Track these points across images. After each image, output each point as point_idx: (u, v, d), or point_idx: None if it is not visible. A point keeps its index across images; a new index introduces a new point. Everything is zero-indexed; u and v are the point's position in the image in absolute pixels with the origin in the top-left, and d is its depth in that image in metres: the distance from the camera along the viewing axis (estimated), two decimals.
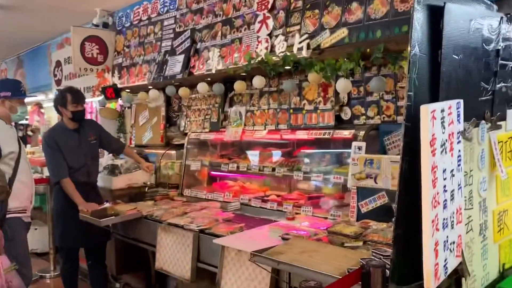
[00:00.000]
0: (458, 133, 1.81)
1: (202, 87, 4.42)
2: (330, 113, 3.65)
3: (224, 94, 4.59)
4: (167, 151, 5.19)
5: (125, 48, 5.82)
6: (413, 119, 1.77)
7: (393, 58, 2.94)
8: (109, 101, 5.79)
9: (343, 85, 3.24)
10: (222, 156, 4.63)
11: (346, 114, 3.64)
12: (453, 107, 1.79)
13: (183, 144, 4.93)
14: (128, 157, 4.90)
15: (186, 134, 5.00)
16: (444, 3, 1.93)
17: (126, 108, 6.06)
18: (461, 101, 1.86)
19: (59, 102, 4.11)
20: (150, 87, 5.08)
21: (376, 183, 2.92)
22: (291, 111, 3.97)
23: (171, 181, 4.84)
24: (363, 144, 3.16)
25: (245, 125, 4.36)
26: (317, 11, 3.54)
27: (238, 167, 4.16)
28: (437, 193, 1.63)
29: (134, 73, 5.51)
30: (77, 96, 4.13)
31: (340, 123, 3.68)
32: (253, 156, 4.35)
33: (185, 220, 3.52)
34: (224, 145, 4.90)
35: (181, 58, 4.75)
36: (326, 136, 3.58)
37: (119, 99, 5.69)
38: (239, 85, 4.14)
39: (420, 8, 1.85)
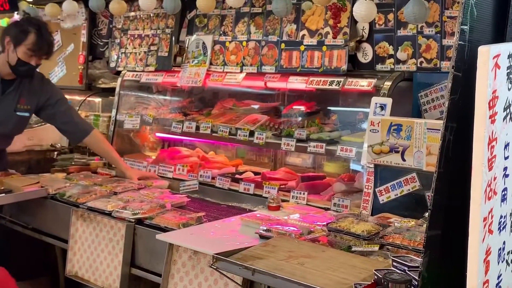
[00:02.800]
0: None
1: (146, 1, 4.31)
2: (341, 52, 3.65)
3: (180, 14, 4.50)
4: (88, 98, 5.11)
5: None
6: (466, 66, 1.78)
7: None
8: None
9: (363, 10, 3.22)
10: (174, 110, 4.60)
11: (366, 54, 3.64)
12: None
13: (113, 89, 4.86)
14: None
15: (118, 73, 4.94)
16: None
17: None
18: None
19: (11, 33, 3.98)
20: None
21: (404, 160, 2.97)
22: (283, 45, 3.94)
23: None
24: (387, 101, 3.18)
25: (211, 64, 4.32)
26: None
27: (198, 127, 4.14)
28: (494, 178, 1.67)
29: None
30: (43, 43, 3.95)
31: (356, 67, 3.68)
32: (222, 112, 4.34)
33: (114, 204, 3.51)
34: (177, 93, 4.86)
35: None
36: (334, 86, 3.59)
37: (16, 12, 5.51)
38: (204, 2, 4.05)
39: None
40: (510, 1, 1.94)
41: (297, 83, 3.84)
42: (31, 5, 5.34)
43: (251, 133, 3.86)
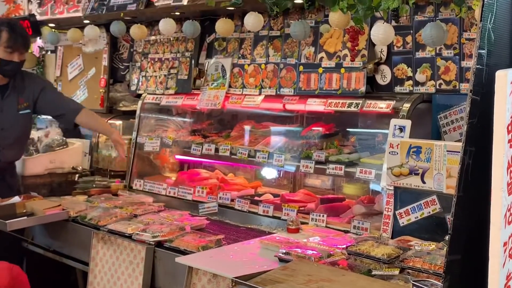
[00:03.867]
0: None
1: (166, 25, 4.38)
2: (359, 74, 3.66)
3: (200, 38, 4.56)
4: (109, 121, 5.16)
5: None
6: (484, 90, 1.78)
7: None
8: None
9: (381, 33, 3.23)
10: (194, 132, 4.64)
11: (384, 76, 3.65)
12: None
13: (134, 112, 4.92)
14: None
15: (139, 96, 4.99)
16: None
17: (49, 53, 6.00)
18: None
19: None
20: (86, 21, 5.03)
21: (423, 182, 2.96)
22: (301, 68, 3.97)
23: (114, 167, 4.86)
24: (407, 123, 3.18)
25: (230, 86, 4.36)
26: None
27: (217, 149, 4.17)
28: None
29: None
30: (17, 37, 4.10)
31: (374, 89, 3.69)
32: (241, 134, 4.37)
33: (134, 227, 3.54)
34: (197, 116, 4.90)
35: None
36: (352, 108, 3.60)
37: (39, 38, 5.61)
38: (223, 25, 4.11)
39: None
40: None
41: (315, 105, 3.86)
42: (53, 30, 5.43)
43: (270, 155, 3.88)
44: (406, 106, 3.36)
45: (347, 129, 3.96)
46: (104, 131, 4.63)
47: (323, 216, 3.54)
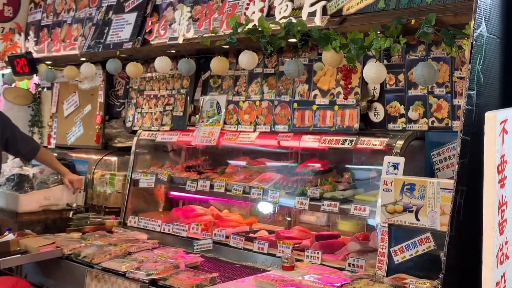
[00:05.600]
0: None
1: (162, 63, 4.44)
2: (353, 111, 3.70)
3: (195, 75, 4.61)
4: (104, 157, 5.19)
5: None
6: (474, 130, 1.82)
7: (450, 36, 3.00)
8: (19, 78, 5.76)
9: (374, 71, 3.28)
10: (189, 168, 4.65)
11: (377, 114, 3.69)
12: None
13: (129, 148, 4.93)
14: (44, 165, 4.89)
15: (134, 132, 5.01)
16: None
17: (45, 89, 6.05)
18: None
19: None
20: (82, 59, 5.08)
21: (418, 219, 2.97)
22: (295, 105, 4.01)
23: (108, 203, 4.84)
24: (400, 161, 3.20)
25: (225, 123, 4.39)
26: None
27: (212, 186, 4.18)
28: (505, 242, 1.68)
29: (59, 37, 5.50)
30: None
31: (368, 126, 3.73)
32: (236, 170, 4.38)
33: (128, 265, 3.52)
34: (192, 152, 4.92)
35: (131, 18, 4.76)
36: (346, 145, 3.63)
37: (35, 75, 5.64)
38: (218, 63, 4.16)
39: None
40: None
41: (310, 141, 3.88)
42: (50, 67, 5.48)
43: (265, 192, 3.88)
44: (400, 143, 3.38)
45: (342, 166, 3.97)
46: (59, 170, 4.81)
47: (318, 253, 3.53)
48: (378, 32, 3.17)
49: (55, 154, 5.24)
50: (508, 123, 1.71)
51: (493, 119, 1.66)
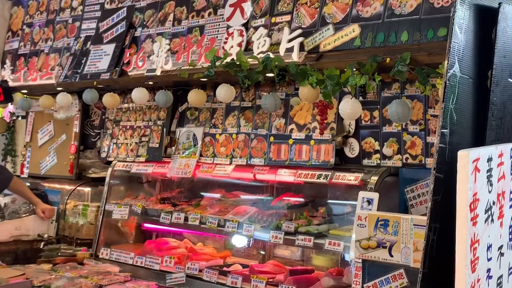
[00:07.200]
0: (511, 192, 1.89)
1: (139, 94, 4.44)
2: (329, 147, 3.73)
3: (172, 107, 4.62)
4: (77, 188, 5.12)
5: (24, 27, 5.80)
6: (447, 168, 1.84)
7: (424, 74, 3.06)
8: None
9: (349, 108, 3.32)
10: (163, 200, 4.61)
11: (353, 149, 3.71)
12: (505, 155, 1.87)
13: (103, 179, 4.89)
14: (17, 195, 4.81)
15: (109, 163, 4.98)
16: (499, 3, 2.04)
17: (19, 118, 5.98)
18: None
19: None
20: (59, 88, 5.06)
21: (391, 255, 2.96)
22: (272, 139, 4.02)
23: (80, 234, 4.77)
24: (374, 196, 3.21)
25: (201, 155, 4.39)
26: None
27: (186, 218, 4.15)
28: (477, 280, 1.68)
29: (35, 66, 5.48)
30: None
31: (343, 161, 3.75)
32: (211, 203, 4.35)
33: None
34: (167, 184, 4.88)
35: (110, 48, 4.77)
36: (322, 180, 3.64)
37: (10, 103, 5.60)
38: (195, 96, 4.18)
39: (464, 9, 1.96)
40: (488, 105, 2.03)
41: (285, 175, 3.89)
42: (25, 96, 5.43)
43: (239, 225, 3.86)
44: (374, 179, 3.41)
45: (317, 200, 3.98)
46: (32, 200, 4.83)
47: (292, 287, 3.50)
48: (354, 69, 3.23)
49: (28, 184, 5.17)
50: (481, 161, 1.73)
51: (465, 157, 1.68)
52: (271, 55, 3.57)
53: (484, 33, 2.02)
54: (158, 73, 4.24)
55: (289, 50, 3.56)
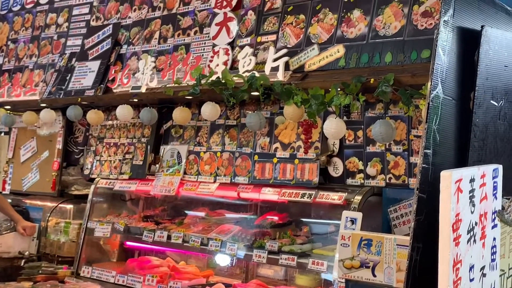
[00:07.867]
0: (493, 213, 1.90)
1: (123, 111, 4.42)
2: (313, 166, 3.73)
3: (156, 124, 4.61)
4: (59, 205, 5.07)
5: (9, 43, 5.77)
6: (430, 188, 1.85)
7: (407, 95, 3.09)
8: None
9: (333, 127, 3.33)
10: (146, 218, 4.58)
11: (337, 169, 3.73)
12: (488, 176, 1.88)
13: (86, 196, 4.85)
14: (1, 211, 4.77)
15: (92, 180, 4.94)
16: (482, 26, 2.08)
17: (2, 134, 5.92)
18: (500, 167, 1.96)
19: None
20: (43, 105, 5.03)
21: (374, 275, 2.96)
22: (256, 157, 4.03)
23: (62, 252, 4.72)
24: (358, 216, 3.21)
25: (185, 173, 4.37)
26: (302, 16, 3.68)
27: (169, 237, 4.12)
28: None
29: (19, 81, 5.44)
30: None
31: (327, 181, 3.76)
32: (194, 221, 4.33)
33: None
34: (151, 202, 4.85)
35: (95, 65, 4.75)
36: (306, 199, 3.64)
37: None
38: (180, 114, 4.17)
39: (448, 31, 1.99)
40: (471, 127, 2.05)
41: (269, 194, 3.89)
42: (9, 112, 5.39)
43: (223, 244, 3.85)
44: (358, 198, 3.42)
45: (300, 219, 3.98)
46: (12, 217, 4.81)
47: None
48: (339, 89, 3.25)
49: (10, 200, 5.11)
50: (463, 182, 1.74)
51: (448, 178, 1.69)
52: (257, 74, 3.58)
53: (467, 55, 2.05)
54: (143, 90, 4.24)
55: (275, 69, 3.58)
